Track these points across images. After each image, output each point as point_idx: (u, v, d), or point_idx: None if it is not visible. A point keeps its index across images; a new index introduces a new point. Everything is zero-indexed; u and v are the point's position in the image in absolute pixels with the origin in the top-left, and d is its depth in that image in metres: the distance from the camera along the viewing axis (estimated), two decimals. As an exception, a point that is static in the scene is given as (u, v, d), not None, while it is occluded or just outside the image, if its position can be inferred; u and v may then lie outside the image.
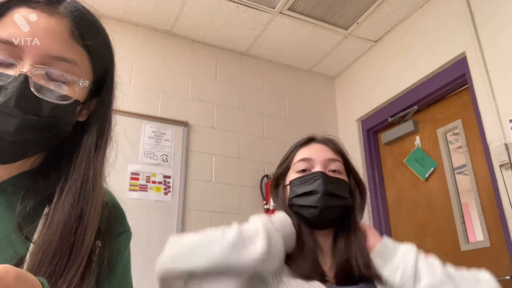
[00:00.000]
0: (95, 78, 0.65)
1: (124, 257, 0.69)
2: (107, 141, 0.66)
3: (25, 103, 0.55)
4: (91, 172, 0.61)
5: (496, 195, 2.00)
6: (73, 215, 0.57)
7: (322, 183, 0.97)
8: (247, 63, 3.08)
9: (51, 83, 0.58)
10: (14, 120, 0.54)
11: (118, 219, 0.70)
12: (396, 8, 2.62)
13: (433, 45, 2.47)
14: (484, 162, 2.12)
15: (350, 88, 3.21)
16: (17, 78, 0.55)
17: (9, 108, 0.54)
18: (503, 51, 2.06)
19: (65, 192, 0.59)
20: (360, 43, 2.96)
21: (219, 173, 2.67)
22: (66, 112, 0.60)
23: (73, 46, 0.60)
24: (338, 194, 0.98)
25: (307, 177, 1.00)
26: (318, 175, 0.99)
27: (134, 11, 2.64)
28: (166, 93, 2.70)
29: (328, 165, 1.02)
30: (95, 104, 0.66)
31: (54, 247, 0.54)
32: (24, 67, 0.56)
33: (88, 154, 0.62)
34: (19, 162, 0.61)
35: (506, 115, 2.00)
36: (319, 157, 1.03)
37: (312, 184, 0.98)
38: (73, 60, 0.60)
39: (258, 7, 2.59)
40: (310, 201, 0.96)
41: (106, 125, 0.66)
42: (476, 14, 2.22)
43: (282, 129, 3.00)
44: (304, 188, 0.99)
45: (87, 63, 0.63)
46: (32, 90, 0.56)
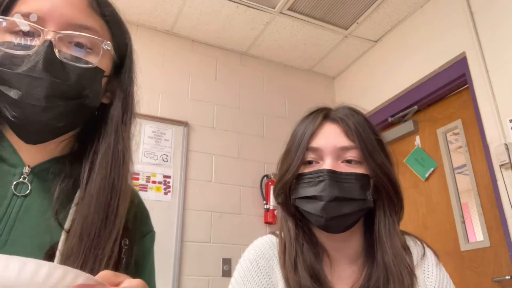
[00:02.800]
0: (117, 53, 0.66)
1: (150, 260, 0.70)
2: (132, 116, 0.67)
3: (52, 67, 0.56)
4: (120, 145, 0.62)
5: (496, 195, 2.00)
6: (106, 187, 0.58)
7: (328, 185, 0.77)
8: (247, 63, 3.08)
9: (75, 49, 0.59)
10: (43, 84, 0.55)
11: (144, 218, 0.71)
12: (396, 8, 2.62)
13: (433, 45, 2.47)
14: (484, 162, 2.12)
15: (350, 88, 3.21)
16: (42, 45, 0.56)
17: (37, 72, 0.54)
18: (503, 51, 2.06)
19: (97, 165, 0.59)
20: (360, 43, 2.96)
21: (219, 173, 2.67)
22: (92, 79, 0.60)
23: (92, 15, 0.62)
24: (350, 197, 0.78)
25: (310, 176, 0.81)
26: (323, 175, 0.78)
27: (134, 11, 2.64)
28: (166, 93, 2.70)
29: (342, 155, 0.81)
30: (118, 83, 0.67)
31: (91, 219, 0.55)
32: (48, 34, 0.57)
33: (116, 129, 0.63)
34: (52, 146, 0.61)
35: (506, 115, 2.00)
36: (329, 146, 0.81)
37: (316, 187, 0.79)
38: (94, 28, 0.61)
39: (258, 7, 2.58)
40: (314, 209, 0.79)
41: (129, 101, 0.67)
42: (476, 14, 2.22)
43: (282, 129, 2.99)
44: (307, 190, 0.80)
45: (108, 34, 0.64)
46: (57, 55, 0.57)
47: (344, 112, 0.86)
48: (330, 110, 0.88)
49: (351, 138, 0.82)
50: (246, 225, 2.61)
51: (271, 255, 0.86)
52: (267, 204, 2.67)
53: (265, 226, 2.66)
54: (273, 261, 0.85)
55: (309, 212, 0.81)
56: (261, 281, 0.83)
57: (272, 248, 0.87)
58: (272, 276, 0.84)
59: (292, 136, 0.90)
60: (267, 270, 0.84)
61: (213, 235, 2.51)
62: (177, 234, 2.39)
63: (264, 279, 0.83)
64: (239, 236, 2.55)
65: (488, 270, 2.05)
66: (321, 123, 0.85)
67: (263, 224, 2.66)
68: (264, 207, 2.68)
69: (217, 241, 2.50)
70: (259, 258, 0.86)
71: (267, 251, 0.86)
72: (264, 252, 0.86)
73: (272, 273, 0.84)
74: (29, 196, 0.58)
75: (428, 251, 0.87)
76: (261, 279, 0.83)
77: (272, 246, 0.87)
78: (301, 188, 0.82)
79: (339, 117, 0.85)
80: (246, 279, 0.84)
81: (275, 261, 0.85)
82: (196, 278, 2.37)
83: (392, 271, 0.78)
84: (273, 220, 2.63)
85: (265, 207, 2.67)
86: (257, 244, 0.89)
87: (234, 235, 2.55)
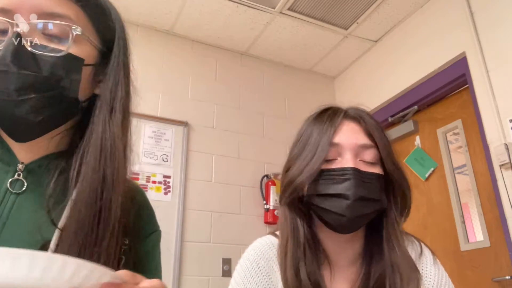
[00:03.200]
0: (102, 41, 0.64)
1: (155, 261, 0.68)
2: (123, 102, 0.64)
3: (21, 59, 0.54)
4: (107, 134, 0.59)
5: (496, 195, 2.00)
6: (96, 180, 0.56)
7: (354, 185, 0.76)
8: (247, 63, 3.08)
9: (47, 39, 0.57)
10: (12, 77, 0.53)
11: (148, 217, 0.69)
12: (396, 8, 2.62)
13: (433, 45, 2.47)
14: (484, 162, 2.12)
15: (350, 88, 3.21)
16: (10, 37, 0.54)
17: (4, 65, 0.53)
18: (503, 51, 2.06)
19: (87, 157, 0.58)
20: (360, 43, 2.96)
21: (219, 173, 2.67)
22: (67, 68, 0.58)
23: (65, 2, 0.59)
24: (371, 198, 0.78)
25: (333, 173, 0.78)
26: (349, 173, 0.77)
27: (134, 11, 2.64)
28: (166, 93, 2.70)
29: (360, 154, 0.80)
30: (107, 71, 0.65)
31: (83, 214, 0.54)
32: (17, 26, 0.55)
33: (104, 118, 0.61)
34: (44, 143, 0.60)
35: (506, 115, 2.00)
36: (350, 143, 0.80)
37: (341, 185, 0.77)
38: (66, 15, 0.58)
39: (258, 7, 2.58)
40: (337, 207, 0.76)
41: (118, 87, 0.64)
42: (476, 14, 2.22)
43: (282, 129, 3.00)
44: (330, 187, 0.78)
45: (85, 21, 0.61)
46: (26, 47, 0.55)
47: (359, 112, 0.86)
48: (346, 109, 0.88)
49: (370, 138, 0.82)
50: (246, 225, 2.61)
51: (271, 256, 0.86)
52: (267, 204, 2.66)
53: (265, 226, 2.66)
54: (273, 262, 0.85)
55: (328, 210, 0.78)
56: (261, 282, 0.83)
57: (272, 249, 0.87)
58: (273, 276, 0.84)
59: (305, 134, 0.87)
60: (267, 270, 0.84)
61: (213, 235, 2.51)
62: (177, 234, 2.39)
63: (264, 279, 0.83)
64: (239, 236, 2.55)
65: (488, 270, 2.05)
66: (339, 118, 0.84)
67: (263, 224, 2.66)
68: (264, 207, 2.68)
69: (217, 241, 2.50)
70: (259, 259, 0.85)
71: (267, 252, 0.86)
72: (264, 253, 0.86)
73: (273, 274, 0.84)
74: (24, 193, 0.57)
75: (425, 250, 0.87)
76: (261, 279, 0.83)
77: (272, 247, 0.87)
78: (321, 185, 0.79)
79: (359, 116, 0.85)
80: (246, 279, 0.84)
81: (275, 262, 0.85)
82: (196, 278, 2.37)
83: (401, 270, 0.78)
84: (273, 220, 2.63)
85: (265, 207, 2.67)
86: (257, 244, 0.89)
87: (234, 235, 2.55)
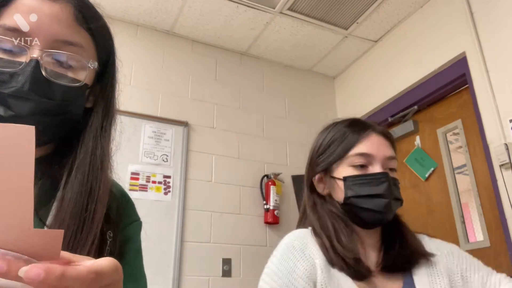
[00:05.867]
0: (100, 62, 0.67)
1: (137, 244, 0.71)
2: (112, 122, 0.68)
3: (39, 87, 0.56)
4: (98, 151, 0.63)
5: (496, 195, 2.00)
6: (83, 192, 0.59)
7: (390, 186, 0.92)
8: (247, 63, 3.08)
9: (61, 67, 0.60)
10: (29, 104, 0.56)
11: (127, 208, 0.71)
12: (396, 8, 2.62)
13: (433, 45, 2.47)
14: (484, 162, 2.12)
15: (350, 88, 3.21)
16: (28, 63, 0.56)
17: (24, 93, 0.55)
18: (503, 51, 2.06)
19: (74, 171, 0.60)
20: (360, 43, 2.96)
21: (219, 173, 2.67)
22: (77, 95, 0.61)
23: (78, 31, 0.61)
24: (399, 198, 0.95)
25: (370, 177, 0.93)
26: (384, 178, 0.92)
27: (134, 11, 2.64)
28: (166, 93, 2.70)
29: (387, 164, 0.96)
30: (99, 89, 0.68)
31: (67, 223, 0.56)
32: (34, 52, 0.57)
33: (95, 134, 0.64)
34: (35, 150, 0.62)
35: (506, 115, 2.00)
36: (380, 155, 0.96)
37: (378, 187, 0.92)
38: (79, 44, 0.61)
39: (258, 7, 2.59)
40: (375, 205, 0.91)
41: (110, 107, 0.68)
42: (476, 14, 2.22)
43: (282, 129, 3.00)
44: (368, 189, 0.92)
45: (92, 46, 0.64)
46: (43, 74, 0.57)
47: (385, 129, 1.03)
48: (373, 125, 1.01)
49: (394, 150, 1.00)
50: (246, 225, 2.61)
51: (305, 237, 0.92)
52: (267, 204, 2.66)
53: (265, 226, 2.66)
54: (308, 240, 0.92)
55: (368, 208, 0.92)
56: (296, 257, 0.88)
57: (305, 234, 0.94)
58: (307, 252, 0.89)
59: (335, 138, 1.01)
60: (302, 248, 0.90)
61: (213, 235, 2.51)
62: (177, 234, 2.39)
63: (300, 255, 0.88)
64: (239, 236, 2.55)
65: (488, 270, 2.04)
66: (368, 132, 0.98)
67: (263, 224, 2.66)
68: (264, 207, 2.68)
69: (217, 241, 2.50)
70: (294, 241, 0.91)
71: (301, 236, 0.93)
72: (298, 236, 0.93)
73: (307, 250, 0.89)
74: None
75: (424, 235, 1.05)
76: (296, 255, 0.88)
77: (305, 232, 0.94)
78: (359, 187, 0.93)
79: (383, 132, 1.00)
80: (283, 259, 0.89)
81: (310, 240, 0.92)
82: (196, 278, 2.37)
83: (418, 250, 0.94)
84: (273, 220, 2.63)
85: (265, 207, 2.67)
86: (289, 234, 0.96)
87: (234, 235, 2.54)
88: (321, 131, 1.07)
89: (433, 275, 0.92)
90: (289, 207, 2.77)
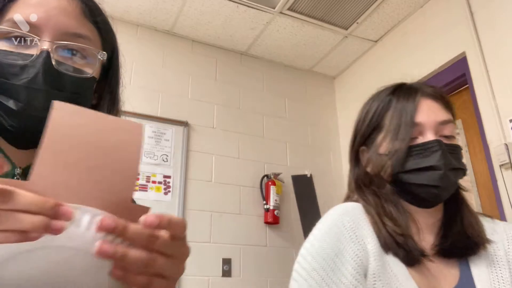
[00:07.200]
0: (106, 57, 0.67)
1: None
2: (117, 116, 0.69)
3: (51, 78, 0.57)
4: None
5: (496, 195, 2.00)
6: None
7: (444, 155, 0.77)
8: (247, 63, 3.08)
9: (70, 59, 0.60)
10: (41, 96, 0.56)
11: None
12: (396, 8, 2.62)
13: (433, 45, 2.47)
14: (484, 162, 2.12)
15: (350, 88, 3.21)
16: (40, 55, 0.57)
17: (38, 84, 0.55)
18: (503, 51, 2.06)
19: None
20: (360, 43, 2.96)
21: (219, 173, 2.67)
22: (86, 87, 0.62)
23: (85, 23, 0.62)
24: (459, 167, 0.80)
25: (419, 148, 0.80)
26: (435, 146, 0.78)
27: (134, 11, 2.64)
28: (166, 93, 2.70)
29: (440, 130, 0.82)
30: (104, 84, 0.68)
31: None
32: (44, 44, 0.57)
33: None
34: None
35: (506, 115, 2.00)
36: (430, 121, 0.82)
37: (429, 158, 0.78)
38: (87, 36, 0.62)
39: (258, 7, 2.59)
40: (428, 179, 0.78)
41: (115, 102, 0.69)
42: (476, 14, 2.22)
43: (282, 129, 3.00)
44: (419, 162, 0.79)
45: (98, 40, 0.65)
46: (54, 66, 0.57)
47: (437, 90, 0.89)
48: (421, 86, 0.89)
49: (449, 113, 0.85)
50: (246, 225, 2.61)
51: (358, 216, 0.79)
52: (267, 204, 2.66)
53: (265, 226, 2.66)
54: (358, 218, 0.79)
55: (420, 184, 0.79)
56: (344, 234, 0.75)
57: (357, 209, 0.81)
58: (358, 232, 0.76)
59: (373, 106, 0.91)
60: (352, 226, 0.77)
61: (213, 235, 2.51)
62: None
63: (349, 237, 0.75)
64: (239, 236, 2.55)
65: (488, 270, 2.05)
66: (415, 95, 0.85)
67: (263, 224, 2.66)
68: (264, 207, 2.68)
69: (217, 241, 2.50)
70: (343, 217, 0.78)
71: (352, 212, 0.80)
72: (348, 212, 0.80)
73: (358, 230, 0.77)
74: None
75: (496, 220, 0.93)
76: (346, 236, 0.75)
77: (357, 208, 0.82)
78: (409, 161, 0.80)
79: (434, 94, 0.87)
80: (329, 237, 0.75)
81: (361, 218, 0.79)
82: (196, 278, 2.37)
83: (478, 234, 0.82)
84: (273, 220, 2.63)
85: (265, 207, 2.67)
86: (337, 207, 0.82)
87: (234, 235, 2.54)
88: (366, 101, 0.97)
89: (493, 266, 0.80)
90: (289, 207, 2.77)
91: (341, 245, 0.73)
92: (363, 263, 0.72)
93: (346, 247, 0.73)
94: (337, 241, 0.74)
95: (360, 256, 0.72)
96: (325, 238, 0.75)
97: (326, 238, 0.75)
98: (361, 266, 0.72)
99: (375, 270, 0.72)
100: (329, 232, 0.75)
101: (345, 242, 0.74)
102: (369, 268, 0.72)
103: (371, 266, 0.72)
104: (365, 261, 0.72)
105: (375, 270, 0.72)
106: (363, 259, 0.72)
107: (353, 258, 0.72)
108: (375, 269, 0.72)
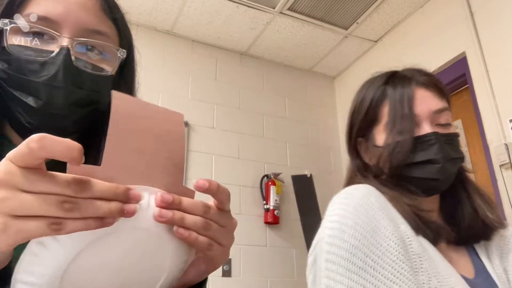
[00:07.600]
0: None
1: None
2: None
3: (71, 75, 0.56)
4: None
5: (496, 195, 2.00)
6: None
7: (441, 147, 0.76)
8: (247, 63, 3.08)
9: (90, 56, 0.59)
10: (64, 93, 0.55)
11: None
12: (396, 8, 2.62)
13: (433, 45, 2.47)
14: (484, 162, 2.12)
15: (350, 88, 3.20)
16: (60, 52, 0.55)
17: (58, 81, 0.54)
18: (503, 51, 2.06)
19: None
20: (360, 43, 2.96)
21: (219, 173, 2.67)
22: (105, 85, 0.60)
23: (105, 20, 0.61)
24: (457, 157, 0.79)
25: (415, 141, 0.78)
26: (432, 138, 0.77)
27: (134, 11, 2.64)
28: (166, 93, 2.70)
29: (436, 119, 0.80)
30: (120, 82, 0.67)
31: None
32: (64, 41, 0.56)
33: None
34: None
35: (506, 115, 2.00)
36: (425, 111, 0.80)
37: (427, 151, 0.77)
38: (106, 33, 0.60)
39: (258, 7, 2.59)
40: (427, 173, 0.77)
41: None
42: (476, 14, 2.22)
43: (282, 129, 3.00)
44: (417, 156, 0.77)
45: (116, 37, 0.64)
46: (74, 63, 0.56)
47: (431, 78, 0.86)
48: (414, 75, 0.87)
49: (444, 100, 0.83)
50: (246, 225, 2.61)
51: (378, 195, 0.73)
52: (267, 204, 2.66)
53: (265, 226, 2.66)
54: (382, 200, 0.72)
55: (420, 177, 0.77)
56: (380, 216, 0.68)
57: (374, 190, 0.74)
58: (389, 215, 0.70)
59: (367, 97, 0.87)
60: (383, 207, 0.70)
61: (213, 235, 2.50)
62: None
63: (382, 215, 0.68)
64: (239, 236, 2.53)
65: (488, 270, 2.05)
66: (409, 85, 0.84)
67: (263, 224, 2.66)
68: (264, 207, 2.68)
69: (217, 241, 2.50)
70: (369, 197, 0.71)
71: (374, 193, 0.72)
72: (370, 192, 0.72)
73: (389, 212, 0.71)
74: None
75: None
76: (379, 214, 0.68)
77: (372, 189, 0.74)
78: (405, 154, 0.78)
79: (427, 83, 0.84)
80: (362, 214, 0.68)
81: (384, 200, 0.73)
82: (196, 278, 2.37)
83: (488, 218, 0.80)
84: (273, 220, 2.63)
85: (265, 207, 2.67)
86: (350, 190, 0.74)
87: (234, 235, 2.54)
88: (359, 88, 0.93)
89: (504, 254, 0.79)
90: (289, 207, 2.77)
91: (377, 223, 0.67)
92: (403, 242, 0.67)
93: (382, 225, 0.67)
94: (372, 218, 0.67)
95: (397, 235, 0.67)
96: (356, 216, 0.67)
97: (357, 217, 0.67)
98: (402, 245, 0.66)
99: (417, 250, 0.67)
100: (359, 211, 0.68)
101: (381, 220, 0.67)
102: (409, 248, 0.67)
103: (413, 246, 0.67)
104: (403, 241, 0.67)
105: (417, 250, 0.67)
106: (400, 238, 0.67)
107: (394, 234, 0.66)
108: (417, 249, 0.67)
